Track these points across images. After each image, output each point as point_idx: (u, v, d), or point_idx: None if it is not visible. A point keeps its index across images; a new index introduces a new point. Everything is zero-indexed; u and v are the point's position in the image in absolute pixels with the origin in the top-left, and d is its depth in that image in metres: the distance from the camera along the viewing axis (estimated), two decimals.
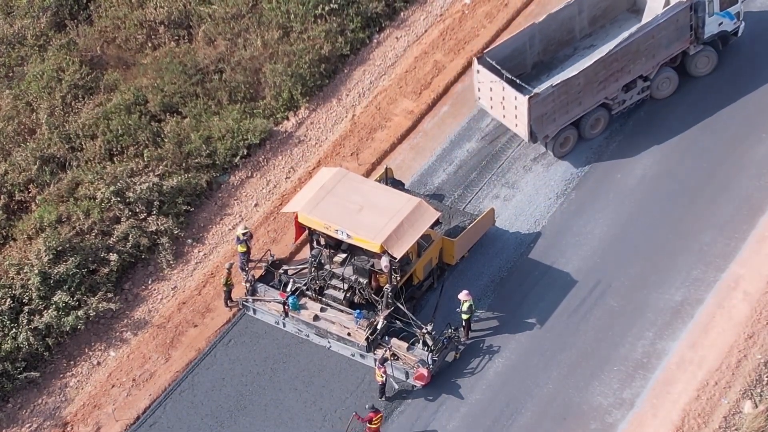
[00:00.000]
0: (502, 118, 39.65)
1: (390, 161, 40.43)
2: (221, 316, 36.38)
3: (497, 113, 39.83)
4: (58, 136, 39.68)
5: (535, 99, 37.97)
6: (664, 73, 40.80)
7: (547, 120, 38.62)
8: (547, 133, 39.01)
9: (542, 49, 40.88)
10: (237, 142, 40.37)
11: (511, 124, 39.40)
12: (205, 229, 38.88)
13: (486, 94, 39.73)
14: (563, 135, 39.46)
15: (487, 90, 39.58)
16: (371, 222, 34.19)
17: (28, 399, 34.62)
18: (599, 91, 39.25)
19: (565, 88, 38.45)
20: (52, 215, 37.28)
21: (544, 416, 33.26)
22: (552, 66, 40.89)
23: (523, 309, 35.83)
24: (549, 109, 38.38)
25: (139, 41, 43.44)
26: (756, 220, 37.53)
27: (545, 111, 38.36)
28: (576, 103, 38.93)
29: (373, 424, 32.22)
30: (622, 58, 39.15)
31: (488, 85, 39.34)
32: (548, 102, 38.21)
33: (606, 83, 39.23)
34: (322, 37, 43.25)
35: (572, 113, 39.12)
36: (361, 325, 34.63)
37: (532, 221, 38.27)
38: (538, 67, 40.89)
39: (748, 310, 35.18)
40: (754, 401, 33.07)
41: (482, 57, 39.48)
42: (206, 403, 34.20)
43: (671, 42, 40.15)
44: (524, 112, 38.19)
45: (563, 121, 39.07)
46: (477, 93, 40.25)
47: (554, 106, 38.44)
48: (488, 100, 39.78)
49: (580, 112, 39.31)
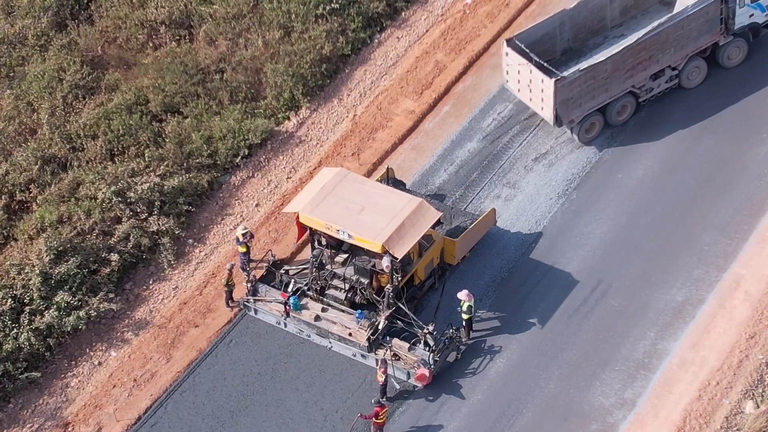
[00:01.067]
0: (529, 101, 39.95)
1: (391, 161, 40.44)
2: (222, 317, 36.39)
3: (524, 96, 40.09)
4: (59, 136, 39.68)
5: (562, 82, 38.16)
6: (694, 62, 40.85)
7: (573, 104, 38.78)
8: (573, 118, 39.19)
9: (572, 36, 41.07)
10: (238, 142, 40.37)
11: (537, 107, 39.64)
12: (206, 229, 38.89)
13: (514, 77, 40.05)
14: (589, 120, 39.63)
15: (514, 73, 39.86)
16: (372, 222, 34.19)
17: (29, 399, 34.62)
18: (626, 79, 39.39)
19: (592, 74, 38.57)
20: (53, 215, 37.28)
21: (546, 416, 33.27)
22: (581, 53, 40.98)
23: (525, 309, 35.83)
24: (575, 93, 38.53)
25: (140, 41, 43.44)
26: (757, 220, 37.53)
27: (571, 95, 38.52)
28: (602, 90, 39.03)
29: (379, 418, 32.23)
30: (651, 47, 39.22)
31: (516, 68, 39.63)
32: (574, 86, 38.35)
33: (634, 71, 39.35)
34: (323, 37, 43.25)
35: (598, 99, 39.24)
36: (363, 326, 34.63)
37: (534, 221, 38.27)
38: (568, 54, 41.03)
39: (749, 311, 35.18)
40: (755, 401, 33.07)
41: (511, 40, 39.77)
42: (207, 404, 34.20)
43: (701, 34, 40.19)
44: (550, 96, 38.42)
45: (589, 107, 39.22)
46: (505, 76, 40.57)
47: (580, 91, 38.59)
48: (516, 83, 40.06)
49: (606, 98, 39.42)
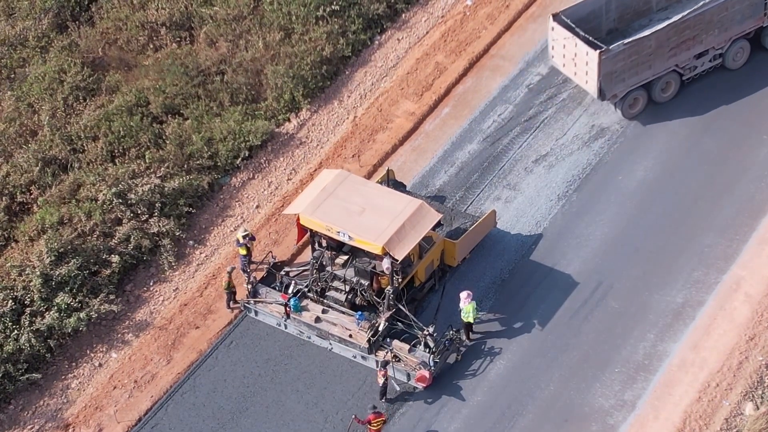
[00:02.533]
0: (573, 75, 40.52)
1: (391, 163, 40.46)
2: (223, 318, 36.41)
3: (569, 71, 40.68)
4: (60, 137, 39.70)
5: (606, 54, 38.61)
6: (738, 44, 41.22)
7: (617, 78, 39.30)
8: (616, 93, 39.75)
9: (618, 16, 41.49)
10: (238, 143, 40.40)
11: (582, 81, 40.19)
12: (207, 230, 38.91)
13: (559, 51, 40.63)
14: (632, 96, 40.16)
15: (560, 47, 40.45)
16: (373, 224, 34.20)
17: (29, 400, 34.64)
18: (670, 58, 39.90)
19: (636, 48, 39.01)
20: (54, 217, 37.30)
21: (546, 418, 33.28)
22: (626, 34, 41.22)
23: (525, 311, 35.84)
24: (619, 67, 39.03)
25: (141, 43, 43.45)
26: (757, 222, 37.56)
27: (615, 68, 39.02)
28: (646, 66, 39.58)
29: (372, 426, 32.22)
30: (695, 26, 39.61)
31: (561, 42, 40.21)
32: (618, 60, 38.84)
33: (677, 50, 39.86)
34: (323, 38, 43.28)
35: (642, 76, 39.79)
36: (363, 327, 34.65)
37: (534, 223, 38.29)
38: (613, 34, 41.35)
39: (749, 312, 35.21)
40: (755, 403, 33.09)
41: (557, 15, 40.26)
42: (208, 405, 34.22)
43: (745, 18, 40.61)
44: (594, 68, 38.93)
45: (633, 83, 39.77)
46: (550, 51, 41.18)
47: (624, 65, 39.08)
48: (561, 57, 40.68)
49: (650, 75, 39.95)
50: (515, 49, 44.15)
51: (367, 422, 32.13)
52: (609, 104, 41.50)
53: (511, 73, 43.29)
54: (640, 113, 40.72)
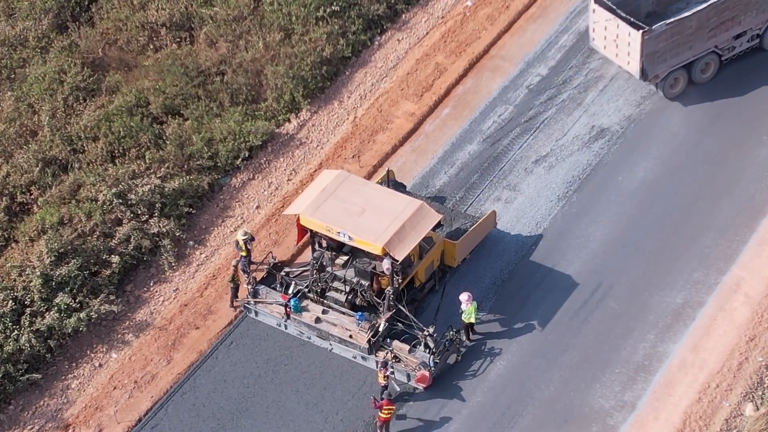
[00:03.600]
0: (615, 56, 40.97)
1: (391, 163, 40.47)
2: (223, 318, 36.41)
3: (610, 53, 41.14)
4: (60, 138, 39.69)
5: (649, 34, 39.07)
6: None
7: (659, 59, 39.86)
8: (658, 73, 40.32)
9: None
10: (238, 144, 40.40)
11: (624, 62, 40.67)
12: (207, 231, 38.91)
13: (600, 33, 41.10)
14: (673, 76, 40.73)
15: (601, 30, 40.92)
16: (373, 224, 34.21)
17: (29, 401, 34.64)
18: (710, 38, 40.45)
19: (678, 29, 39.54)
20: (54, 217, 37.30)
21: (546, 419, 33.29)
22: (664, 17, 41.45)
23: (525, 311, 35.85)
24: (661, 47, 39.59)
25: (141, 43, 43.45)
26: (757, 222, 37.57)
27: (657, 49, 39.57)
28: (687, 47, 40.13)
29: (383, 412, 32.32)
30: (734, 7, 40.19)
31: (603, 24, 40.65)
32: (660, 40, 39.38)
33: (717, 31, 40.38)
34: (323, 39, 43.28)
35: (683, 56, 40.39)
36: (363, 328, 34.65)
37: (534, 223, 38.30)
38: (651, 17, 41.65)
39: (749, 313, 35.22)
40: (755, 404, 33.10)
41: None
42: (208, 405, 34.23)
43: None
44: (637, 48, 39.44)
45: (673, 63, 40.35)
46: (591, 34, 41.70)
47: (666, 46, 39.65)
48: (602, 39, 41.15)
49: (690, 56, 40.53)
50: (515, 50, 44.17)
51: (380, 407, 32.16)
52: (608, 105, 41.57)
53: (511, 74, 43.30)
54: (680, 93, 41.34)
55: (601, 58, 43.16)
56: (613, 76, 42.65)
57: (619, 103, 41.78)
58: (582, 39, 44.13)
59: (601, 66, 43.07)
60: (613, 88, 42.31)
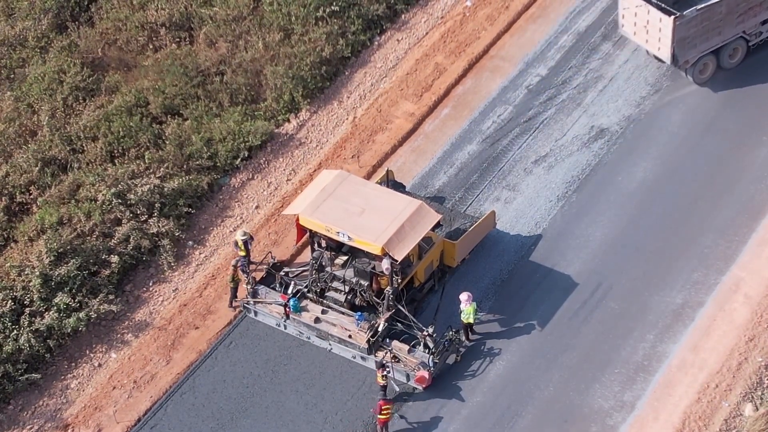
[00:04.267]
0: (645, 42, 41.50)
1: (391, 163, 40.46)
2: (222, 318, 36.40)
3: (640, 39, 41.66)
4: (60, 137, 39.68)
5: (680, 20, 39.51)
6: None
7: (689, 44, 40.39)
8: (688, 58, 40.81)
9: None
10: (238, 144, 40.39)
11: (654, 48, 41.18)
12: (206, 231, 38.90)
13: (630, 20, 41.53)
14: (702, 61, 41.19)
15: (631, 16, 41.37)
16: (372, 224, 34.19)
17: (29, 401, 34.62)
18: (738, 24, 40.97)
19: (708, 14, 40.04)
20: (53, 217, 37.29)
21: (545, 419, 33.28)
22: (692, 4, 41.67)
23: (524, 311, 35.84)
24: (691, 33, 40.10)
25: (141, 43, 43.45)
26: (757, 222, 37.56)
27: (688, 34, 40.08)
28: (716, 32, 40.68)
29: (382, 413, 32.34)
30: None
31: (633, 11, 41.13)
32: (691, 25, 39.88)
33: (745, 17, 40.91)
34: (323, 39, 43.27)
35: (712, 41, 40.90)
36: (363, 328, 34.64)
37: (533, 224, 38.29)
38: (680, 3, 41.84)
39: (748, 313, 35.21)
40: (754, 404, 33.10)
41: None
42: (207, 405, 34.21)
43: None
44: (668, 34, 39.99)
45: (703, 48, 40.86)
46: (620, 21, 42.13)
47: (696, 31, 40.17)
48: (632, 26, 41.66)
49: (719, 41, 41.08)
50: (515, 50, 44.16)
51: (378, 408, 32.20)
52: (608, 105, 41.57)
53: (511, 74, 43.30)
54: (709, 79, 41.70)
55: (601, 58, 43.21)
56: (613, 77, 42.67)
57: (618, 103, 41.78)
58: (582, 39, 44.19)
59: (601, 66, 43.08)
60: (612, 88, 42.32)
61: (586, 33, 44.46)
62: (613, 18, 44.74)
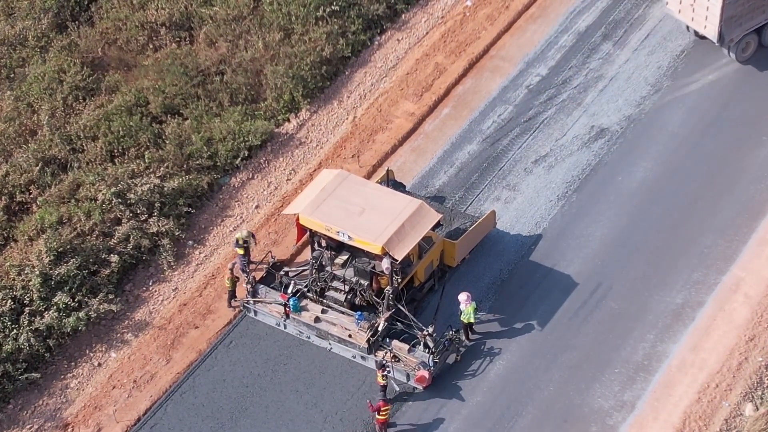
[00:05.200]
0: (691, 21, 42.27)
1: (391, 163, 40.45)
2: (222, 318, 36.39)
3: (685, 16, 42.38)
4: (59, 137, 39.68)
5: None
6: None
7: (735, 23, 41.17)
8: (733, 37, 41.57)
9: None
10: (238, 143, 40.39)
11: (700, 27, 41.92)
12: (206, 230, 38.89)
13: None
14: (745, 40, 41.92)
15: None
16: (372, 224, 34.19)
17: (28, 400, 34.61)
18: None
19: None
20: (53, 216, 37.28)
21: (545, 418, 33.27)
22: None
23: (524, 311, 35.83)
24: (738, 12, 40.99)
25: (141, 43, 43.44)
26: (757, 222, 37.56)
27: (735, 13, 40.94)
28: (760, 11, 41.77)
29: (381, 413, 32.33)
30: None
31: None
32: (739, 4, 40.90)
33: None
34: (323, 38, 43.27)
35: (756, 20, 41.93)
36: (362, 327, 34.63)
37: (533, 223, 38.28)
38: None
39: (748, 313, 35.21)
40: (755, 404, 33.09)
41: None
42: (207, 405, 34.20)
43: None
44: (716, 13, 40.78)
45: (748, 27, 41.86)
46: None
47: (742, 10, 41.15)
48: (677, 4, 42.49)
49: (762, 20, 42.11)
50: (515, 50, 44.16)
51: (377, 409, 32.18)
52: (608, 105, 41.57)
53: (511, 74, 43.30)
54: (751, 57, 42.25)
55: (601, 58, 43.21)
56: (613, 76, 42.67)
57: (618, 103, 41.78)
58: (582, 39, 44.19)
59: (601, 66, 43.08)
60: (612, 88, 42.31)
61: (586, 33, 44.46)
62: (613, 18, 44.81)
